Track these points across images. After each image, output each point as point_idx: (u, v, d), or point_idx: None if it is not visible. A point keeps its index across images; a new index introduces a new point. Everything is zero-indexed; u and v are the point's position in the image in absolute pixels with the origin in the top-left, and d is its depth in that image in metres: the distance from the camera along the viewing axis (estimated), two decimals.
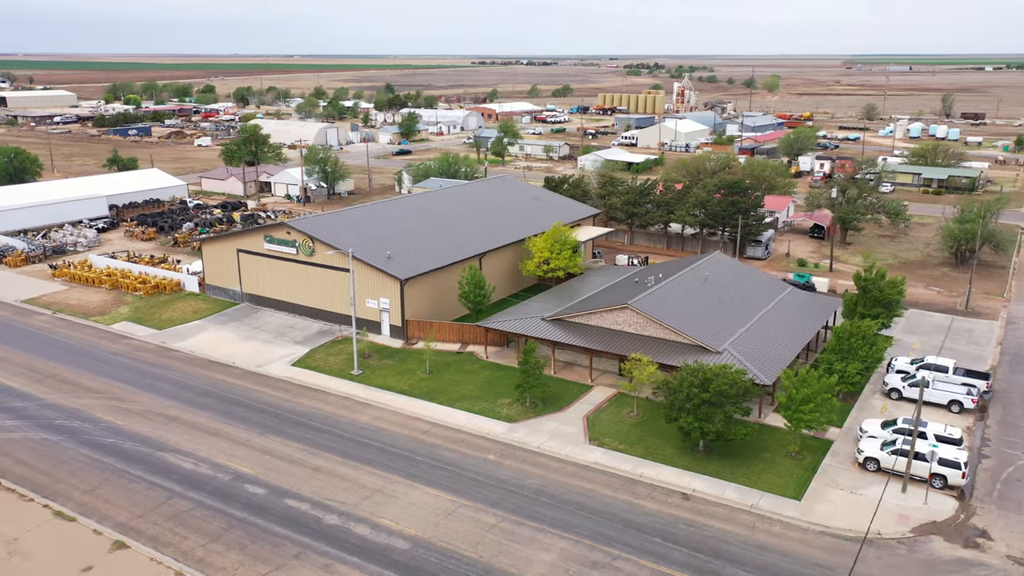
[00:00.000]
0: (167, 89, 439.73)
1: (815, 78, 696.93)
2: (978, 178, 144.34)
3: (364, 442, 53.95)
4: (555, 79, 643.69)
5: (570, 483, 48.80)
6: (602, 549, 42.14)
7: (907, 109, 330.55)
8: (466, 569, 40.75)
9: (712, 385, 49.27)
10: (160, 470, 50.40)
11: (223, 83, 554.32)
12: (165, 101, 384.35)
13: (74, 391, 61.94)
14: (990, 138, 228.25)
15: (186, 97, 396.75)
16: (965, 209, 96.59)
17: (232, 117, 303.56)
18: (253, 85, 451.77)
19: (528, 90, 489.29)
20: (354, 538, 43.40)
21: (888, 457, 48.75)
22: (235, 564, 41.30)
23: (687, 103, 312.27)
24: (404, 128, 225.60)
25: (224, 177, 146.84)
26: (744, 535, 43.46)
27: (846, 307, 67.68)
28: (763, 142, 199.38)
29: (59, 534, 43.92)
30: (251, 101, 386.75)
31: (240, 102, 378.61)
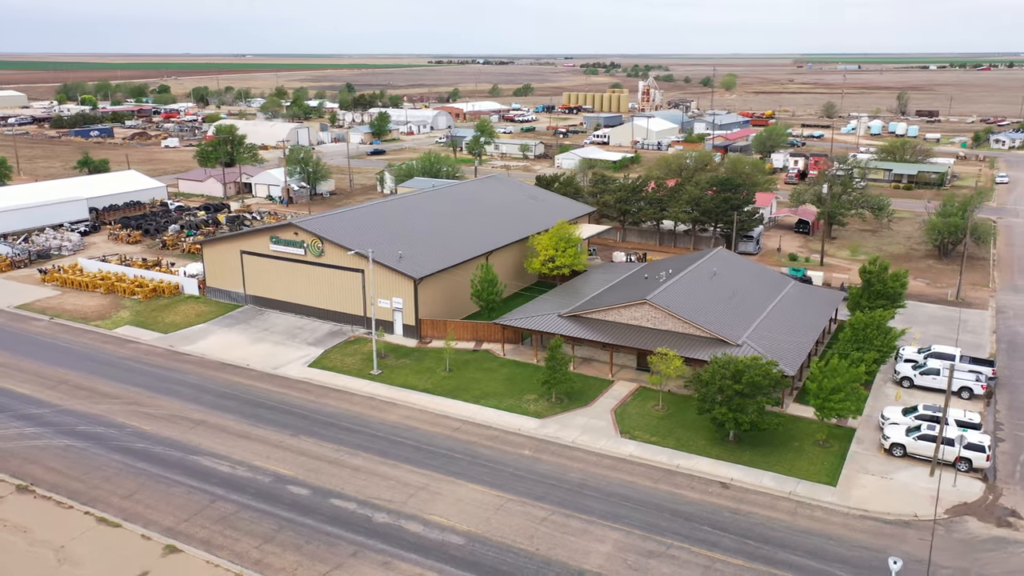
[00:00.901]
0: (121, 89, 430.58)
1: (769, 77, 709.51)
2: (946, 174, 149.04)
3: (398, 441, 54.14)
4: (514, 78, 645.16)
5: (610, 476, 49.66)
6: (655, 539, 43.09)
7: (863, 107, 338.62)
8: (524, 562, 41.35)
9: (745, 377, 50.57)
10: (197, 474, 50.00)
11: (177, 83, 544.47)
12: (121, 101, 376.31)
13: (90, 397, 60.94)
14: (947, 135, 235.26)
15: (143, 97, 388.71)
16: (946, 203, 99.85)
17: (194, 118, 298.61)
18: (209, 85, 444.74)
19: (490, 89, 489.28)
20: (408, 535, 43.68)
21: (914, 443, 50.56)
22: (294, 564, 41.30)
23: (652, 102, 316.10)
24: (375, 128, 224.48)
25: (202, 178, 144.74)
26: (788, 521, 44.78)
27: (851, 299, 69.70)
28: (733, 140, 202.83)
29: (106, 540, 43.40)
30: (211, 101, 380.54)
31: (200, 102, 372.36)
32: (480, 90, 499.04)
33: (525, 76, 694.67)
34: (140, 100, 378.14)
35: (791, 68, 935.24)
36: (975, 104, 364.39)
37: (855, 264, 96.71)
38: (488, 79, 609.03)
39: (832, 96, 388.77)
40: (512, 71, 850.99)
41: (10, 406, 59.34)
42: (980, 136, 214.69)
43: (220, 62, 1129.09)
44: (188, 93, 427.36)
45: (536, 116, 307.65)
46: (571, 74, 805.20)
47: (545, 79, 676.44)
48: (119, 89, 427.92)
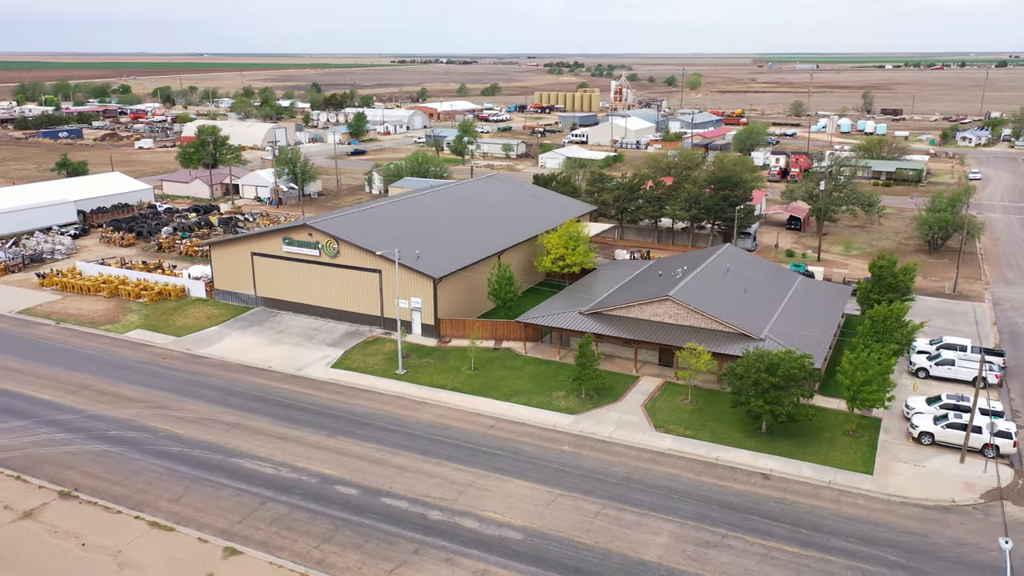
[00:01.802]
0: (81, 89, 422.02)
1: (731, 76, 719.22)
2: (923, 170, 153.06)
3: (437, 439, 54.47)
4: (480, 78, 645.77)
5: (653, 469, 50.58)
6: (709, 529, 44.09)
7: (828, 106, 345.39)
8: (586, 555, 42.04)
9: (780, 369, 51.84)
10: (241, 476, 49.83)
11: (136, 83, 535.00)
12: (83, 102, 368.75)
13: (116, 401, 60.24)
14: (914, 132, 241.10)
15: (106, 98, 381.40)
16: (935, 200, 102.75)
17: (163, 118, 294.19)
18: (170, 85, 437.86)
19: (457, 89, 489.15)
20: (465, 532, 44.10)
21: (943, 431, 52.29)
22: (357, 563, 41.50)
23: (625, 101, 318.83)
24: (353, 128, 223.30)
25: (187, 180, 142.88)
26: (833, 509, 46.10)
27: (861, 293, 71.60)
28: (711, 138, 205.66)
29: (163, 544, 43.14)
30: (177, 101, 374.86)
31: (166, 102, 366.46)
32: (448, 90, 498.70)
33: (490, 76, 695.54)
34: (104, 100, 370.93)
35: (752, 67, 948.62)
36: (935, 103, 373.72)
37: (850, 259, 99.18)
38: (454, 79, 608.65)
39: (795, 95, 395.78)
40: (477, 71, 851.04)
41: (35, 412, 58.44)
42: (947, 134, 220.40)
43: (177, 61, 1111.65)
44: (151, 93, 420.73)
45: (510, 116, 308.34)
46: (535, 73, 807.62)
47: (511, 79, 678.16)
48: (79, 89, 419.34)
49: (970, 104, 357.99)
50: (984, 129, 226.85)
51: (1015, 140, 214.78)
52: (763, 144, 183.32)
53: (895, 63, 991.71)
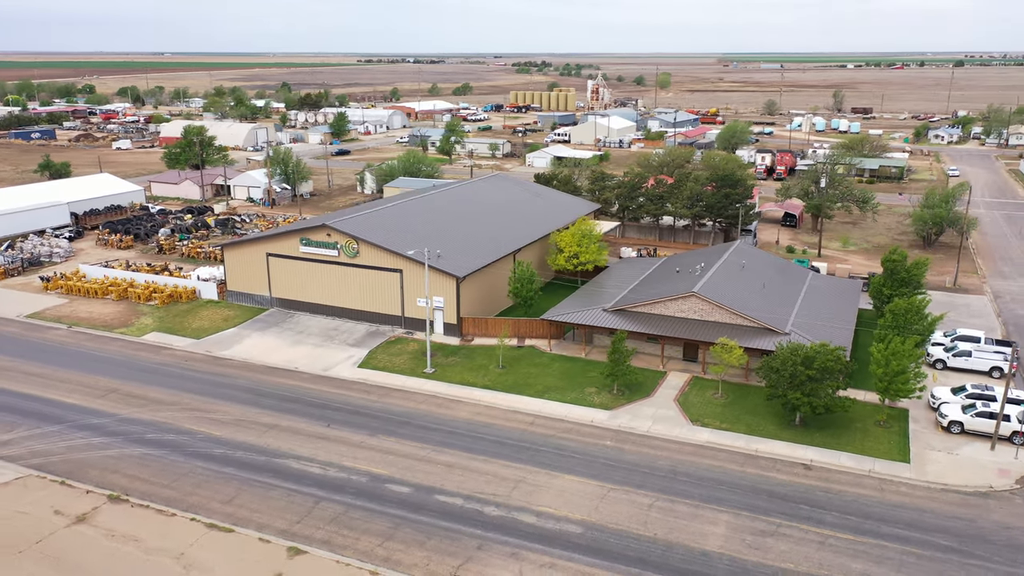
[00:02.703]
0: (45, 89, 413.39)
1: (699, 75, 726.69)
2: (905, 168, 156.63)
3: (479, 436, 54.91)
4: (449, 77, 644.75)
5: (697, 462, 51.56)
6: (763, 519, 45.14)
7: (797, 104, 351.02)
8: (648, 546, 42.84)
9: (816, 362, 53.14)
10: (290, 476, 49.83)
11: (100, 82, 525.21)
12: (50, 102, 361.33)
13: (147, 405, 59.75)
14: (887, 131, 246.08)
15: (73, 98, 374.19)
16: (929, 196, 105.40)
17: (135, 118, 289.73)
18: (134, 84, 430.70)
19: (429, 88, 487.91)
20: (524, 526, 44.64)
21: (972, 420, 54.01)
22: (424, 560, 41.84)
23: (601, 100, 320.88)
24: (334, 128, 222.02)
25: (177, 181, 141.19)
26: (878, 497, 47.45)
27: (874, 287, 73.41)
28: (692, 137, 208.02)
29: (224, 545, 43.08)
30: (147, 101, 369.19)
31: (136, 102, 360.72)
32: (419, 89, 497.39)
33: (459, 75, 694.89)
34: (71, 100, 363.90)
35: (718, 67, 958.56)
36: (901, 101, 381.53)
37: (849, 255, 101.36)
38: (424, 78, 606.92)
39: (764, 94, 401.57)
40: (445, 70, 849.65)
41: (67, 417, 57.77)
42: (920, 131, 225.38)
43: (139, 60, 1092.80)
44: (116, 93, 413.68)
45: (487, 115, 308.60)
46: (504, 73, 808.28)
47: (480, 78, 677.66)
48: (43, 89, 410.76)
49: (935, 103, 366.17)
50: (955, 127, 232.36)
51: (985, 138, 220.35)
52: (746, 142, 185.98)
53: (856, 63, 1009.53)
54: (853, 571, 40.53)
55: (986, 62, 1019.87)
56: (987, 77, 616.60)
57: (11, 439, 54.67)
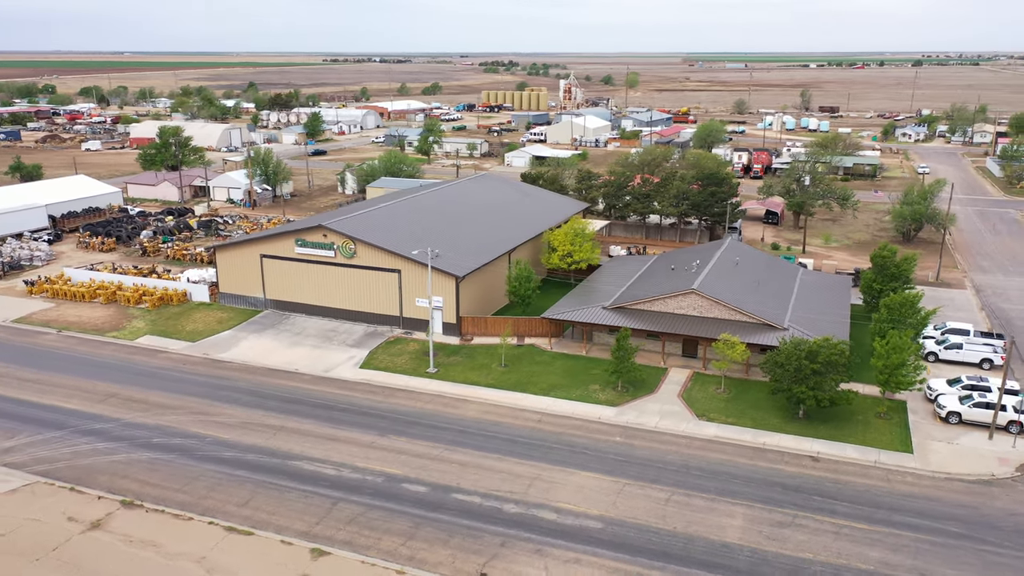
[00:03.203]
0: (3, 89, 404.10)
1: (665, 75, 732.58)
2: (878, 165, 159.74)
3: (489, 435, 55.14)
4: (417, 77, 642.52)
5: (708, 456, 52.32)
6: (778, 511, 45.99)
7: (765, 103, 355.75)
8: (668, 540, 43.44)
9: (820, 356, 54.22)
10: (304, 478, 49.64)
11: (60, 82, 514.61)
12: (10, 102, 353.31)
13: (149, 409, 59.05)
14: (856, 129, 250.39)
15: (34, 98, 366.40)
16: (908, 193, 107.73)
17: (101, 118, 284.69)
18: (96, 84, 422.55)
19: (398, 88, 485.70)
20: (545, 523, 44.99)
21: (970, 410, 55.50)
22: (449, 558, 42.00)
23: (574, 100, 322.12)
24: (309, 128, 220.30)
25: (154, 182, 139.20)
26: (887, 487, 48.58)
27: (864, 282, 74.97)
28: (667, 136, 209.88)
29: (246, 549, 42.83)
30: (112, 101, 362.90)
31: (101, 102, 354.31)
32: (388, 89, 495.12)
33: (427, 75, 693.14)
34: (33, 100, 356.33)
35: (683, 67, 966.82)
36: (865, 100, 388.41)
37: (832, 251, 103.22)
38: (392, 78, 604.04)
39: (731, 93, 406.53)
40: (412, 69, 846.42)
41: (68, 422, 56.89)
42: (888, 130, 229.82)
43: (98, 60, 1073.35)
44: (79, 93, 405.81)
45: (460, 115, 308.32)
46: (471, 72, 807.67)
47: (448, 77, 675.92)
48: (2, 89, 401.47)
49: (899, 102, 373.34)
50: (921, 126, 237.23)
51: (950, 136, 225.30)
52: (722, 141, 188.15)
53: (818, 62, 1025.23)
54: (871, 559, 41.51)
55: (943, 62, 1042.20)
56: (945, 76, 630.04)
57: (13, 446, 53.73)
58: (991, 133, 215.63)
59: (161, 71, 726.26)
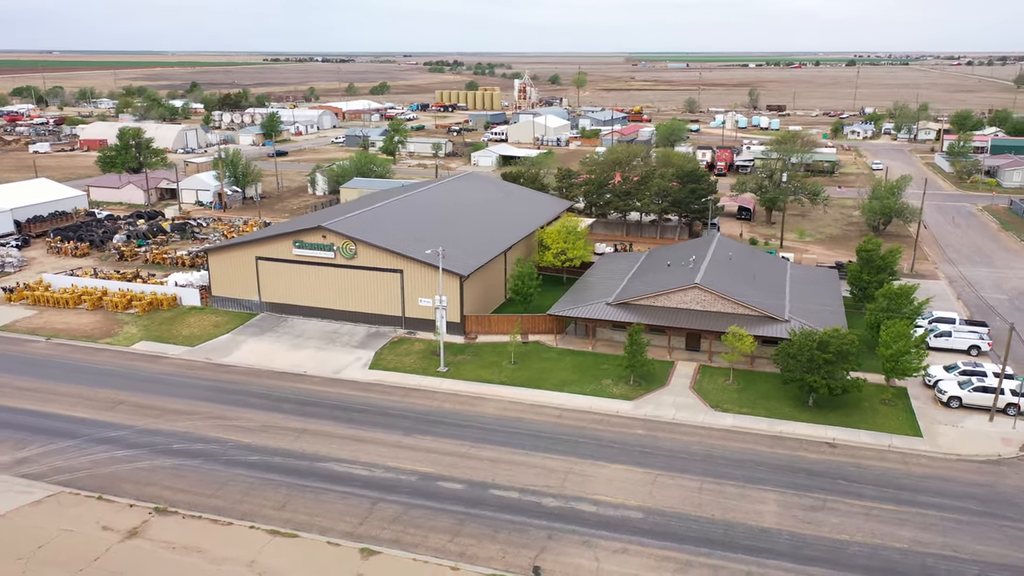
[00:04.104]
0: None
1: (610, 74, 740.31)
2: (836, 162, 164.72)
3: (514, 431, 55.69)
4: (362, 76, 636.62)
5: (729, 445, 53.79)
6: (808, 495, 47.63)
7: (711, 102, 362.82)
8: (709, 527, 44.67)
9: (832, 346, 56.20)
10: (337, 479, 49.51)
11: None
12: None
13: (162, 415, 58.01)
14: (805, 127, 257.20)
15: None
16: (876, 188, 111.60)
17: (43, 120, 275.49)
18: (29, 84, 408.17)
19: (346, 88, 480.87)
20: (587, 515, 45.77)
21: (970, 394, 58.15)
22: (499, 553, 42.47)
23: (529, 99, 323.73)
24: (266, 129, 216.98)
25: (119, 185, 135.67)
26: (904, 469, 50.69)
27: (852, 274, 77.68)
28: (628, 135, 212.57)
29: (294, 551, 42.62)
30: (51, 102, 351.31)
31: (40, 103, 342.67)
32: (337, 88, 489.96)
33: (372, 74, 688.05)
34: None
35: (627, 66, 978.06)
36: (809, 99, 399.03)
37: (808, 245, 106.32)
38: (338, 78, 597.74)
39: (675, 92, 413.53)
40: (356, 69, 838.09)
41: (79, 431, 55.57)
42: (837, 128, 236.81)
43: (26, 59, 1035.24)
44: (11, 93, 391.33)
45: (415, 114, 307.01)
46: (417, 72, 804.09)
47: (394, 77, 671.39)
48: None
49: (839, 100, 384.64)
50: (868, 123, 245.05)
51: (896, 133, 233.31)
52: (684, 139, 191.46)
53: (757, 62, 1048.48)
54: (904, 538, 43.38)
55: (875, 62, 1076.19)
56: (880, 76, 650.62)
57: (27, 456, 52.31)
58: (934, 130, 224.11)
59: (97, 71, 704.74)
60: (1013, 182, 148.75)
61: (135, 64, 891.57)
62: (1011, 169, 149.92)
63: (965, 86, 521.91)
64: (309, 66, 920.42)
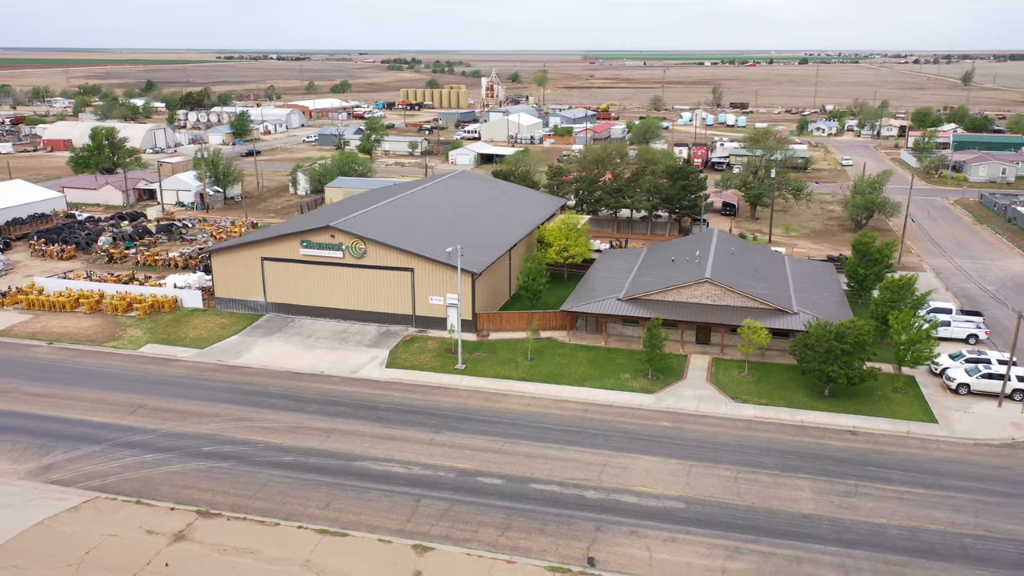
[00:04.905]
0: None
1: (570, 72, 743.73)
2: (809, 158, 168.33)
3: (542, 427, 56.24)
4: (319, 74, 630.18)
5: (754, 435, 55.06)
6: (840, 481, 49.06)
7: (677, 100, 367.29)
8: (751, 515, 45.78)
9: (849, 337, 57.85)
10: (376, 478, 49.58)
11: None
12: None
13: (185, 418, 57.37)
14: (771, 124, 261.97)
15: None
16: (858, 184, 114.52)
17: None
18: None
19: (306, 86, 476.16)
20: (630, 507, 46.56)
21: (978, 381, 60.33)
22: (551, 545, 43.03)
23: (496, 97, 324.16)
24: (236, 128, 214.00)
25: (95, 186, 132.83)
26: (926, 454, 52.48)
27: (849, 267, 79.85)
28: (600, 132, 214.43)
29: (346, 550, 42.65)
30: (3, 101, 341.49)
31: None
32: (297, 87, 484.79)
33: (330, 72, 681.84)
34: None
35: (584, 64, 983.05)
36: (768, 96, 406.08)
37: (795, 240, 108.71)
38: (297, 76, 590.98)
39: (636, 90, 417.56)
40: (313, 67, 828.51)
41: (102, 436, 54.71)
42: (802, 125, 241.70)
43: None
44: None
45: (383, 113, 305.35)
46: (375, 70, 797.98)
47: (353, 75, 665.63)
48: None
49: (797, 98, 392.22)
50: (831, 120, 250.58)
51: (859, 130, 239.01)
52: (660, 137, 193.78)
53: (712, 60, 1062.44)
54: (939, 520, 45.02)
55: (826, 60, 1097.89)
56: (833, 74, 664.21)
57: (53, 463, 51.38)
58: (896, 127, 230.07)
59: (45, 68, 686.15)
60: (979, 177, 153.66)
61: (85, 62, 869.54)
62: (977, 164, 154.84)
63: (915, 84, 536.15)
64: (265, 64, 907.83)
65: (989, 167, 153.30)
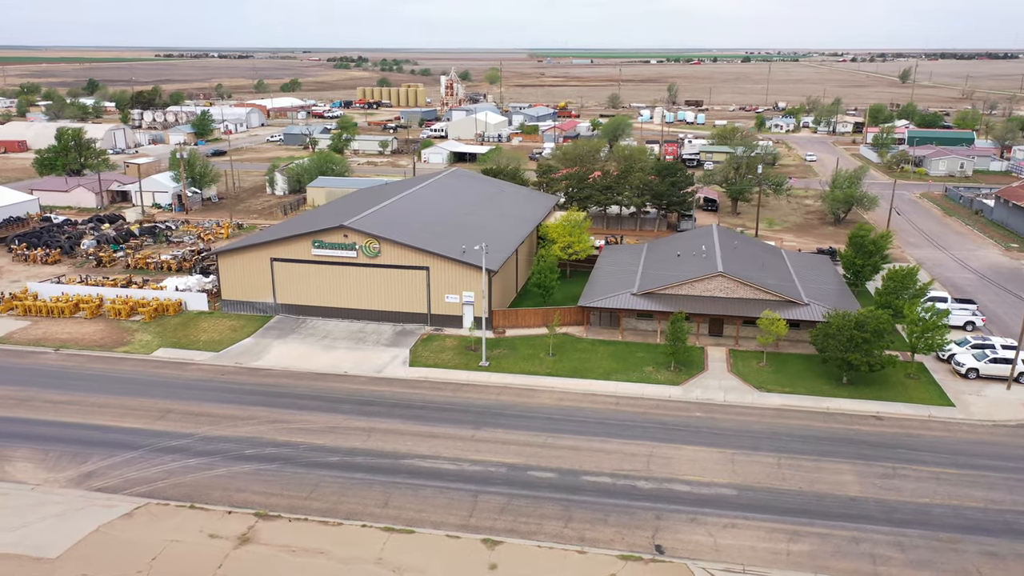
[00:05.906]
0: None
1: (519, 70, 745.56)
2: (777, 155, 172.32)
3: (579, 420, 57.09)
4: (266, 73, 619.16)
5: (786, 423, 56.78)
6: (878, 465, 50.98)
7: (632, 98, 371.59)
8: (799, 498, 47.36)
9: (869, 326, 60.02)
10: (428, 475, 49.80)
11: None
12: None
13: (219, 421, 56.66)
14: (730, 120, 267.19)
15: None
16: (836, 179, 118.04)
17: None
18: None
19: (255, 85, 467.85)
20: (683, 495, 47.72)
21: (987, 366, 63.15)
22: (617, 535, 43.89)
23: (456, 95, 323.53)
24: (198, 128, 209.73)
25: (66, 188, 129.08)
26: (951, 436, 54.86)
27: (846, 259, 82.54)
28: (566, 130, 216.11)
29: (416, 546, 42.85)
30: None
31: None
32: (245, 85, 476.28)
33: (275, 70, 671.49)
34: None
35: (532, 62, 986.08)
36: (719, 94, 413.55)
37: (780, 234, 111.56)
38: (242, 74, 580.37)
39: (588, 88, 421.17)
40: (258, 65, 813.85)
41: (138, 442, 53.74)
42: (760, 122, 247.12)
43: None
44: None
45: (342, 112, 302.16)
46: (322, 68, 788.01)
47: (300, 73, 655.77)
48: None
49: (751, 95, 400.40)
50: (788, 117, 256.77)
51: (816, 127, 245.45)
52: (629, 134, 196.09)
53: (657, 58, 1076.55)
54: (978, 498, 47.21)
55: (767, 58, 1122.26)
56: (775, 72, 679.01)
57: (93, 470, 50.33)
58: (851, 123, 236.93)
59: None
60: (939, 171, 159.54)
61: (17, 60, 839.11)
62: (937, 159, 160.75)
63: (856, 81, 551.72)
64: (208, 62, 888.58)
65: (948, 161, 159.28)
